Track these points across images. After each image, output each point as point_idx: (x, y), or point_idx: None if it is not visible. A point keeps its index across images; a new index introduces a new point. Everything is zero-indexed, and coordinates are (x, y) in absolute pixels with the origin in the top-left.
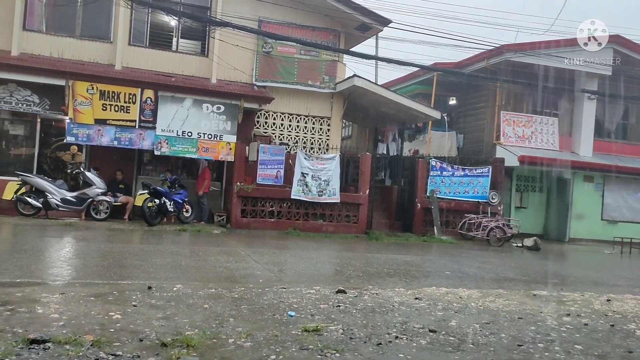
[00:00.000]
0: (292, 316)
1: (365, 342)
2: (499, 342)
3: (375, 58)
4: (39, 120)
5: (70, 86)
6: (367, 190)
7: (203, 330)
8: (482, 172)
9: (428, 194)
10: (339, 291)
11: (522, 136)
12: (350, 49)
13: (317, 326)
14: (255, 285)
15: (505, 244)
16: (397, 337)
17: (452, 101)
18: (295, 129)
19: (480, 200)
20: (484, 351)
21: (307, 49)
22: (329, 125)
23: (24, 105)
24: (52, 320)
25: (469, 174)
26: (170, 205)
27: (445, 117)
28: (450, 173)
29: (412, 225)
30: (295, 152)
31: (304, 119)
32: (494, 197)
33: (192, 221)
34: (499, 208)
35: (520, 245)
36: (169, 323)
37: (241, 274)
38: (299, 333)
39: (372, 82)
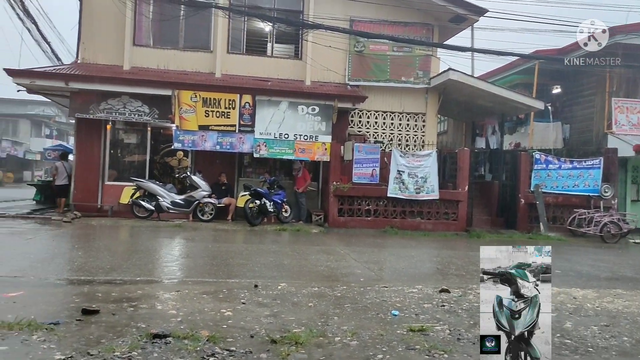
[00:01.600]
0: (396, 315)
1: (474, 344)
2: (620, 345)
3: (471, 50)
4: (149, 128)
5: (176, 95)
6: (466, 187)
7: (309, 328)
8: (592, 164)
9: (532, 189)
10: (443, 290)
11: (637, 124)
12: (444, 42)
13: (422, 326)
14: (357, 283)
15: (620, 241)
16: None
17: (556, 90)
18: (390, 127)
19: (591, 194)
20: (604, 355)
21: (400, 45)
22: (424, 121)
23: (136, 115)
24: (170, 316)
25: (577, 166)
26: (270, 205)
27: (549, 107)
28: (557, 166)
29: (515, 222)
30: (390, 150)
31: (398, 115)
32: (606, 190)
33: (291, 221)
34: (613, 202)
35: (639, 241)
36: (276, 320)
37: (342, 272)
38: (405, 332)
39: (468, 75)
